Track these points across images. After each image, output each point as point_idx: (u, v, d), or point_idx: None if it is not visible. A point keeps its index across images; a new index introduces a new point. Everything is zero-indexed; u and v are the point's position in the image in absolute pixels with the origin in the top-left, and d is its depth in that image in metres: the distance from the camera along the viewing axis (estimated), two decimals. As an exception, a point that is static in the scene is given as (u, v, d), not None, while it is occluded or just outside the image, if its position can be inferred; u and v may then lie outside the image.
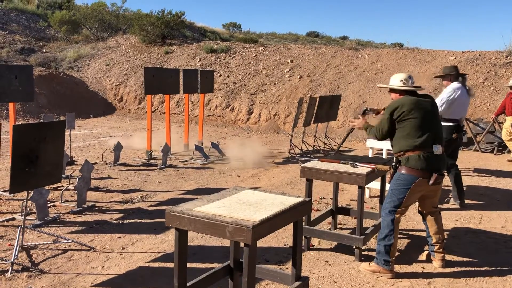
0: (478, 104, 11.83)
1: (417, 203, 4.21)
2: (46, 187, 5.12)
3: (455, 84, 5.85)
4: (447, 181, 6.26)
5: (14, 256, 3.90)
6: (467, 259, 4.27)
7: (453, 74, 5.95)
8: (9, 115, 6.34)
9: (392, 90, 4.03)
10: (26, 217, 4.55)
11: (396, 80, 3.96)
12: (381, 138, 3.97)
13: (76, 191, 5.58)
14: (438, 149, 3.76)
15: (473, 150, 10.63)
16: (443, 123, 4.75)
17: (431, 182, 3.74)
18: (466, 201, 6.12)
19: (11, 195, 5.61)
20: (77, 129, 12.14)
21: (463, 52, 13.98)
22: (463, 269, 4.06)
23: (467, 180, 7.32)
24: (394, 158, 3.94)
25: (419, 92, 3.99)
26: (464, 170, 8.23)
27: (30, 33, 20.05)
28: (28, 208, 5.28)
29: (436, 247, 4.06)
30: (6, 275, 3.71)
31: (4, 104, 12.42)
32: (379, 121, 3.97)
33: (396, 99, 3.93)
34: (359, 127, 4.31)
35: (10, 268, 3.77)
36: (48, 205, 5.57)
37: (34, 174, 4.20)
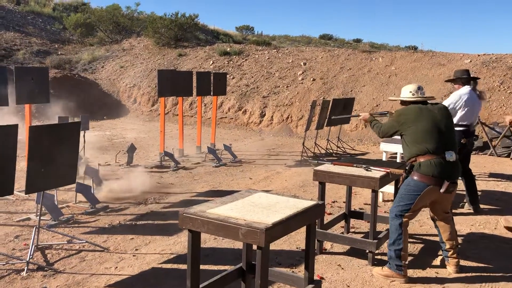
0: (494, 108, 11.68)
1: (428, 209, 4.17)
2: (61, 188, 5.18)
3: (463, 90, 5.78)
4: (461, 186, 6.19)
5: (30, 255, 3.95)
6: (482, 265, 4.22)
7: (464, 77, 5.88)
8: (25, 116, 6.42)
9: (402, 102, 4.05)
10: (41, 217, 4.60)
11: (406, 92, 3.99)
12: (382, 137, 4.16)
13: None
14: (451, 156, 3.71)
15: (488, 155, 10.49)
16: None
17: (442, 190, 3.69)
18: (482, 206, 6.04)
19: (27, 195, 5.68)
20: (91, 130, 12.26)
21: (478, 55, 13.83)
22: (478, 274, 4.00)
23: (482, 185, 7.23)
24: (408, 163, 3.92)
25: (431, 101, 3.99)
26: (480, 174, 8.12)
27: (46, 35, 20.33)
28: (43, 209, 5.33)
29: (450, 252, 4.01)
30: (22, 274, 3.76)
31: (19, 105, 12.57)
32: (386, 123, 4.04)
33: (402, 107, 3.97)
34: (364, 118, 4.45)
35: (26, 267, 3.82)
36: (62, 205, 5.63)
37: (49, 174, 4.25)
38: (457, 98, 5.71)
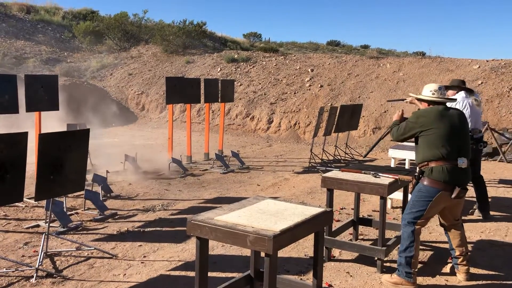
0: (503, 114, 11.60)
1: (438, 216, 4.14)
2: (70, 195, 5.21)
3: (462, 94, 5.78)
4: (471, 192, 6.14)
5: (39, 262, 3.97)
6: (493, 272, 4.17)
7: (462, 87, 5.89)
8: (35, 124, 6.49)
9: (421, 100, 4.00)
10: (50, 224, 4.63)
11: (426, 91, 3.93)
12: (397, 140, 4.00)
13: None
14: (463, 162, 3.67)
15: (498, 161, 10.41)
16: None
17: (453, 195, 3.66)
18: (492, 213, 5.99)
19: (36, 202, 5.72)
20: (100, 137, 12.34)
21: (487, 61, 13.76)
22: (488, 282, 3.96)
23: (492, 192, 7.16)
24: (417, 168, 3.89)
25: (450, 104, 3.96)
26: (490, 181, 8.05)
27: (56, 43, 20.55)
28: (52, 215, 5.37)
29: (460, 260, 3.97)
30: (31, 281, 3.78)
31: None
32: (403, 125, 3.93)
33: (422, 108, 3.91)
34: (396, 118, 4.17)
35: (35, 274, 3.84)
36: (71, 212, 5.67)
37: (59, 182, 4.28)
38: (461, 101, 5.69)
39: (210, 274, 3.03)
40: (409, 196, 4.14)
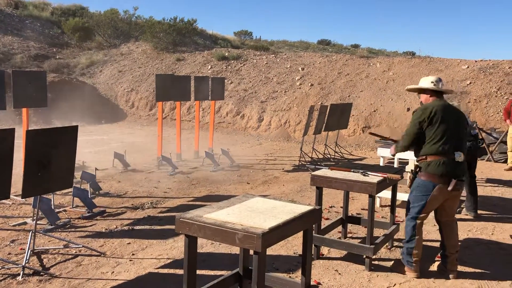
0: (491, 114, 11.72)
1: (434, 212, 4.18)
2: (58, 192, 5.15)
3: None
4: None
5: (26, 260, 3.93)
6: (480, 271, 4.21)
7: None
8: (23, 120, 6.42)
9: (422, 92, 4.02)
10: (38, 222, 4.58)
11: (427, 82, 3.97)
12: (410, 143, 3.95)
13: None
14: (459, 156, 3.78)
15: (485, 160, 10.51)
16: None
17: (450, 188, 3.76)
18: (479, 211, 6.05)
19: (23, 199, 5.66)
20: (89, 134, 12.28)
21: (476, 61, 13.89)
22: (475, 280, 4.00)
23: (480, 191, 7.21)
24: (414, 164, 3.96)
25: (448, 96, 4.03)
26: (477, 180, 8.11)
27: (44, 39, 20.33)
28: (40, 213, 5.31)
29: (449, 258, 4.02)
30: (18, 279, 3.74)
31: (17, 109, 12.56)
32: (407, 127, 3.98)
33: (427, 102, 3.95)
34: (393, 153, 4.28)
35: (22, 272, 3.80)
36: (59, 210, 5.62)
37: (46, 179, 4.24)
38: None
39: (198, 272, 3.02)
40: (398, 195, 4.19)
